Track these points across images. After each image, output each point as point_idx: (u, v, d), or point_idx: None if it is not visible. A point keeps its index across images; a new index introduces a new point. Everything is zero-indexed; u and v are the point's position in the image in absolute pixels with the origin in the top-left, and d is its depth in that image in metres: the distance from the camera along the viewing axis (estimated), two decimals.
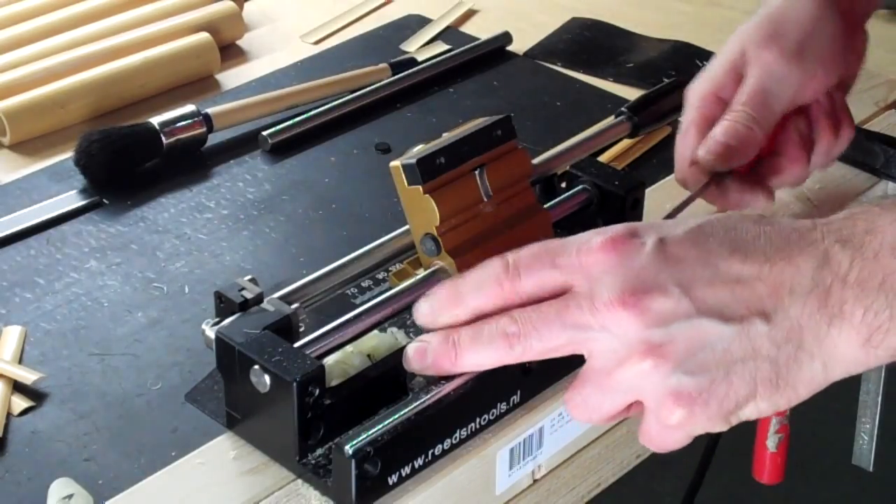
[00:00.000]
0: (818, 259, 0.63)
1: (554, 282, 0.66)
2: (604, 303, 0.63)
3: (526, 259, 0.67)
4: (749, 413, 0.64)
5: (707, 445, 1.29)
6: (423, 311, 0.70)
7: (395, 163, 0.80)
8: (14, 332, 0.88)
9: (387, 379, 0.78)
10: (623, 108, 1.04)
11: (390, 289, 0.82)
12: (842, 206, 0.98)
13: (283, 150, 1.09)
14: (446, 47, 1.23)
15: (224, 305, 0.78)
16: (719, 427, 0.65)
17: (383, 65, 1.18)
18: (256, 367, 0.74)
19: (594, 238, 0.65)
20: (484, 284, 0.68)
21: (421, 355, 0.71)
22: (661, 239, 0.64)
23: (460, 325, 0.69)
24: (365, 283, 0.88)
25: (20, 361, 0.86)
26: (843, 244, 0.63)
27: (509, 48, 1.23)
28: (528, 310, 0.66)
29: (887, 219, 0.64)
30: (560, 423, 0.81)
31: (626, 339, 0.63)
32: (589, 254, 0.65)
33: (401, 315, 0.82)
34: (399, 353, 0.79)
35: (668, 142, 1.09)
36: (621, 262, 0.64)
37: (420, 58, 1.20)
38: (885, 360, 0.64)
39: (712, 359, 0.62)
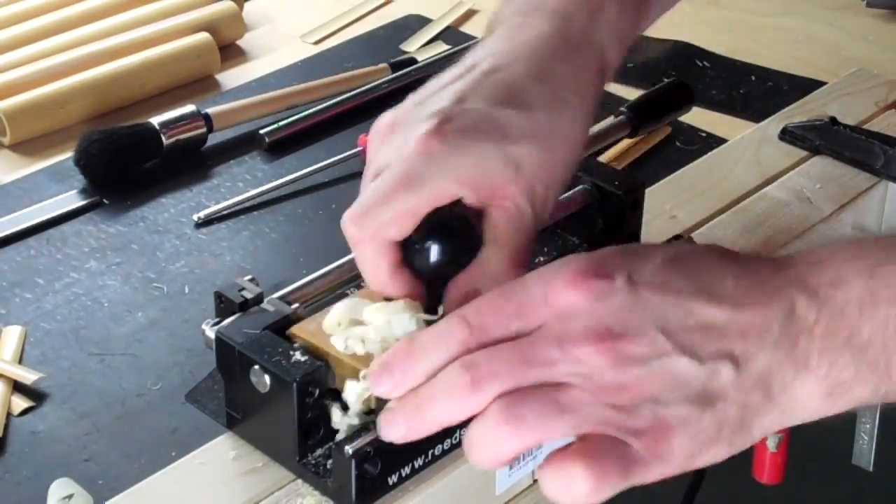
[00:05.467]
0: (785, 309, 0.61)
1: (520, 331, 0.61)
2: (576, 339, 0.60)
3: (487, 313, 0.62)
4: (708, 458, 0.62)
5: None
6: (376, 375, 0.63)
7: None
8: (14, 332, 0.88)
9: None
10: (623, 108, 1.04)
11: None
12: (841, 206, 0.99)
13: (281, 149, 1.09)
14: (446, 47, 1.22)
15: (224, 305, 0.78)
16: (676, 470, 0.61)
17: (383, 65, 1.18)
18: (256, 367, 0.74)
19: (559, 275, 0.61)
20: (442, 345, 0.62)
21: (390, 425, 0.63)
22: (632, 278, 0.61)
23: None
24: (364, 283, 0.87)
25: (20, 361, 0.86)
26: (809, 297, 0.62)
27: None
28: (482, 353, 0.61)
29: (853, 269, 0.62)
30: None
31: (600, 378, 0.60)
32: (557, 293, 0.61)
33: None
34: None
35: (669, 142, 1.09)
36: (593, 304, 0.61)
37: (420, 58, 1.20)
38: (841, 410, 0.63)
39: (688, 395, 0.60)
